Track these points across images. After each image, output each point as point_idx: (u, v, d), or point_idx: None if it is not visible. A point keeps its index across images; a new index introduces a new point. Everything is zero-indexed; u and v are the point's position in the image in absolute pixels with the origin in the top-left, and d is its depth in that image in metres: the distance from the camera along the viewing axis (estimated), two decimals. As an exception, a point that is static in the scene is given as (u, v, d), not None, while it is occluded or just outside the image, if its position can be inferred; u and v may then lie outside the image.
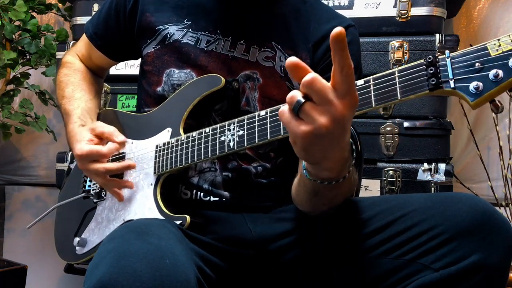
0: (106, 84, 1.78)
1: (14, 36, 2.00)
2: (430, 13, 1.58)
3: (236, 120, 0.88)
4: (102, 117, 1.14)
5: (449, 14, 1.74)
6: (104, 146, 0.99)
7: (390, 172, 1.54)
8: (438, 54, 0.78)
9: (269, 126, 0.81)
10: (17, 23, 2.02)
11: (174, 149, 0.96)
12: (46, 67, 2.06)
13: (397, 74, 0.71)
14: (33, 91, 2.10)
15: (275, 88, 1.02)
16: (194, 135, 0.94)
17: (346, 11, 1.60)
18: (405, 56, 1.56)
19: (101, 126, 1.02)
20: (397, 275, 0.80)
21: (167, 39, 1.04)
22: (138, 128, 1.07)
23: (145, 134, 1.05)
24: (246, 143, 0.85)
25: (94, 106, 1.13)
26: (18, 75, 2.07)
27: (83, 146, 0.98)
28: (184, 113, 0.99)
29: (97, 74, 1.25)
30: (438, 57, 0.69)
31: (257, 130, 0.83)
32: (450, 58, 0.68)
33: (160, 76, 1.04)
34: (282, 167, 1.05)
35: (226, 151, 0.88)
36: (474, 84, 0.65)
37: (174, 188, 1.02)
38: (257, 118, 0.84)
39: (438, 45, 1.54)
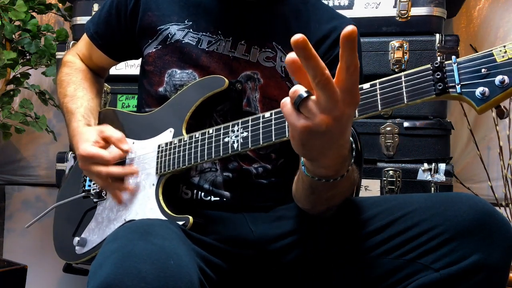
0: (106, 84, 1.78)
1: (14, 36, 2.00)
2: (430, 13, 1.58)
3: (240, 121, 0.88)
4: (102, 116, 1.14)
5: (449, 14, 1.74)
6: (108, 151, 0.98)
7: (390, 172, 1.54)
8: (444, 59, 0.78)
9: (274, 128, 0.81)
10: (17, 23, 2.02)
11: (177, 149, 0.96)
12: (46, 67, 2.06)
13: (403, 79, 0.71)
14: (33, 91, 2.10)
15: (276, 88, 1.02)
16: (197, 136, 0.94)
17: (346, 11, 1.60)
18: (405, 56, 1.56)
19: (110, 130, 1.01)
20: (397, 275, 0.81)
21: (169, 39, 1.04)
22: (139, 128, 1.06)
23: (146, 134, 1.04)
24: (250, 145, 0.85)
25: (96, 105, 1.13)
26: (18, 75, 2.07)
27: (88, 147, 0.97)
28: (187, 113, 0.99)
29: (98, 74, 1.25)
30: (445, 62, 0.69)
31: (261, 131, 0.83)
32: (456, 64, 0.69)
33: (161, 76, 1.04)
34: (283, 168, 1.05)
35: (230, 152, 0.88)
36: (480, 89, 0.66)
37: (175, 188, 1.01)
38: (261, 120, 0.83)
39: (438, 45, 1.53)
